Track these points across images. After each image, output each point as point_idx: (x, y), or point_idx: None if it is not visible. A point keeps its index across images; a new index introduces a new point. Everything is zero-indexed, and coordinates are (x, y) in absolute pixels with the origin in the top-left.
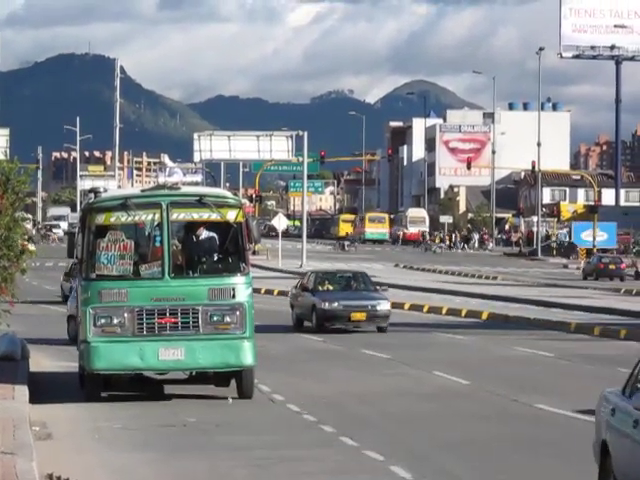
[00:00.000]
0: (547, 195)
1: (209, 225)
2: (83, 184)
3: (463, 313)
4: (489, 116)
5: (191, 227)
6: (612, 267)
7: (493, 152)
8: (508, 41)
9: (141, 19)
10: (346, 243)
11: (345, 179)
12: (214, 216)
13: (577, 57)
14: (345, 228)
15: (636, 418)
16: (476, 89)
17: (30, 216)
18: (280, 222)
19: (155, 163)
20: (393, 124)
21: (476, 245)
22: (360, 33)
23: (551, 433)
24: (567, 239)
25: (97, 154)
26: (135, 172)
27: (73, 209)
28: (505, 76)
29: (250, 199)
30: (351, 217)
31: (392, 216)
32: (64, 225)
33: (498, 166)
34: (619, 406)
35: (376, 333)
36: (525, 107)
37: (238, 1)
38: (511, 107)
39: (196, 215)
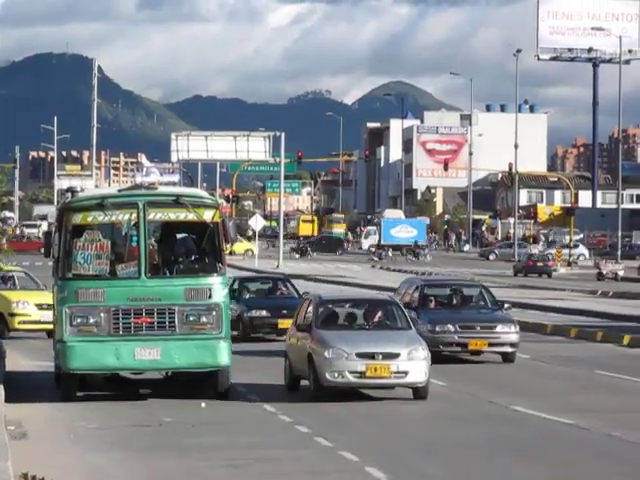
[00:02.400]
0: (524, 197)
1: (186, 225)
2: (60, 183)
3: None
4: (466, 118)
5: (168, 227)
6: (540, 264)
7: (470, 154)
8: (488, 43)
9: (121, 19)
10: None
11: (322, 180)
12: (191, 216)
13: (554, 59)
14: (305, 229)
15: None
16: (455, 91)
17: (13, 215)
18: (257, 223)
19: (132, 163)
20: (370, 125)
21: (454, 245)
22: (340, 34)
23: (527, 435)
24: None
25: (74, 154)
26: (112, 172)
27: None
28: (485, 78)
29: (227, 199)
30: (309, 217)
31: (369, 217)
32: (44, 225)
33: (475, 167)
34: None
35: None
36: (502, 109)
37: (219, 1)
38: (488, 109)
39: (173, 215)
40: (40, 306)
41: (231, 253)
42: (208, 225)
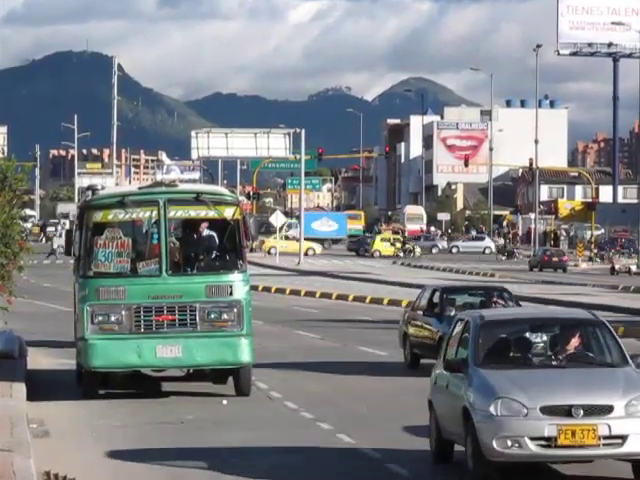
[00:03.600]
0: (545, 192)
1: (207, 223)
2: (81, 181)
3: None
4: (486, 113)
5: (189, 224)
6: (555, 260)
7: (490, 149)
8: (509, 38)
9: (141, 17)
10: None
11: (343, 176)
12: (211, 213)
13: (574, 54)
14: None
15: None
16: (475, 87)
17: (34, 213)
18: (277, 219)
19: (153, 161)
20: (390, 121)
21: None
22: (361, 30)
23: None
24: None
25: (95, 152)
26: (133, 170)
27: None
28: (505, 73)
29: (247, 196)
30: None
31: (390, 213)
32: (67, 223)
33: (495, 163)
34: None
35: (371, 330)
36: (523, 104)
37: None
38: (509, 104)
39: (193, 213)
40: None
41: (251, 250)
42: (229, 222)
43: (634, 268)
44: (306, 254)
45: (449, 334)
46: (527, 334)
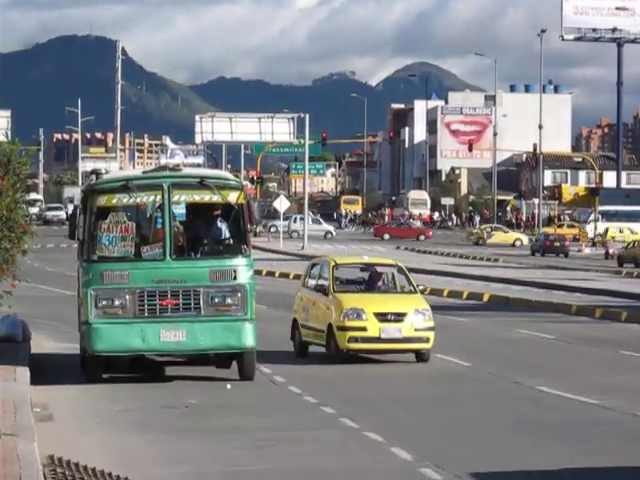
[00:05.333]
0: (548, 177)
1: (210, 207)
2: (85, 166)
3: (464, 295)
4: (490, 98)
5: (193, 208)
6: (557, 244)
7: (495, 134)
8: (515, 23)
9: (146, 1)
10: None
11: (346, 161)
12: (215, 198)
13: (579, 39)
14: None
15: None
16: (481, 72)
17: (41, 197)
18: (282, 204)
19: (156, 145)
20: (395, 106)
21: (477, 226)
22: (367, 14)
23: (552, 415)
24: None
25: (99, 136)
26: (137, 154)
27: None
28: (511, 58)
29: (251, 181)
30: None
31: (394, 198)
32: (70, 207)
33: (500, 148)
34: None
35: None
36: (527, 89)
37: None
38: (513, 89)
39: (197, 197)
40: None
41: (255, 234)
42: (233, 207)
43: None
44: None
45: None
46: None
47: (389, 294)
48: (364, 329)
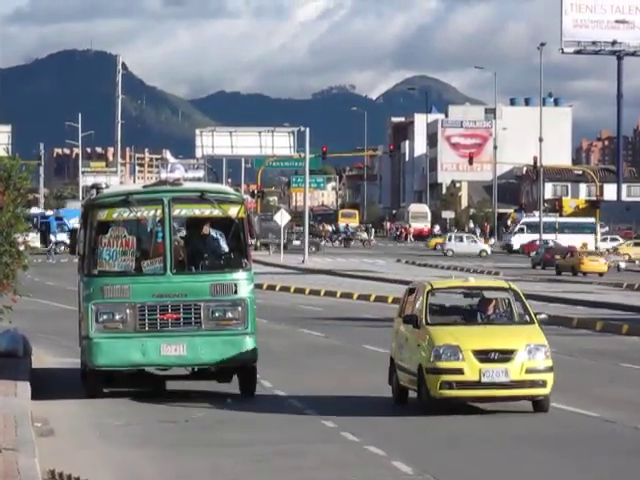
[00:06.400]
0: (549, 190)
1: (211, 221)
2: (85, 180)
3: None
4: (491, 111)
5: (193, 223)
6: (558, 257)
7: (495, 147)
8: (515, 36)
9: (147, 15)
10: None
11: (347, 175)
12: (216, 212)
13: (578, 52)
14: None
15: None
16: (481, 85)
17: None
18: (282, 218)
19: (157, 159)
20: (395, 120)
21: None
22: (368, 28)
23: (553, 428)
24: None
25: (99, 150)
26: (137, 168)
27: None
28: (511, 72)
29: (252, 195)
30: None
31: (394, 211)
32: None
33: (500, 161)
34: None
35: (375, 328)
36: (527, 102)
37: None
38: (513, 102)
39: (198, 211)
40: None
41: (256, 248)
42: (233, 221)
43: (622, 265)
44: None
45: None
46: None
47: (495, 326)
48: (460, 371)
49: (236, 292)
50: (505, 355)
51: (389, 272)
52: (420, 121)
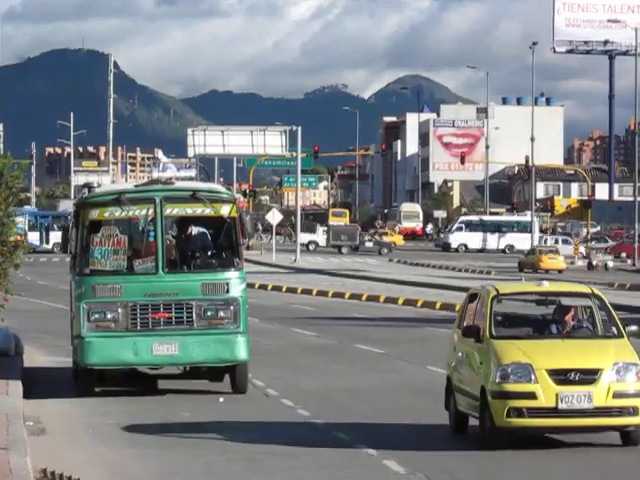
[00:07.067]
0: (541, 190)
1: (203, 220)
2: (77, 179)
3: (457, 308)
4: (482, 111)
5: (185, 222)
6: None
7: (487, 147)
8: (508, 36)
9: (139, 15)
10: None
11: (339, 174)
12: (208, 211)
13: (570, 52)
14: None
15: None
16: (474, 84)
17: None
18: (274, 217)
19: (149, 158)
20: (387, 119)
21: None
22: (360, 27)
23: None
24: None
25: (91, 149)
26: (129, 167)
27: None
28: (504, 71)
29: (244, 194)
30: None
31: (386, 211)
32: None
33: (492, 161)
34: None
35: (367, 327)
36: (519, 102)
37: None
38: (505, 102)
39: (190, 210)
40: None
41: (248, 247)
42: (225, 220)
43: (610, 264)
44: None
45: None
46: None
47: (575, 340)
48: (532, 396)
49: (228, 291)
50: (588, 376)
51: (381, 271)
52: (412, 120)
